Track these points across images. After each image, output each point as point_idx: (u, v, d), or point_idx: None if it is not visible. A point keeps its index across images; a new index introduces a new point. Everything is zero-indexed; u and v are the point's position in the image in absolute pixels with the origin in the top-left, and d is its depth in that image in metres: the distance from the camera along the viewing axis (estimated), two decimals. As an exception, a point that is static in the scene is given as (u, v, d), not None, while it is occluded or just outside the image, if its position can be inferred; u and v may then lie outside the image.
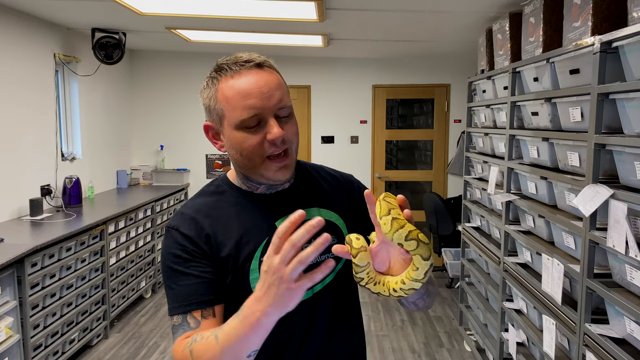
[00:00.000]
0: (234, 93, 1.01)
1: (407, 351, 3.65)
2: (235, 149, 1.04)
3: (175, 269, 1.04)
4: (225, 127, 1.04)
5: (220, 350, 0.89)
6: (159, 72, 5.58)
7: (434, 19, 3.58)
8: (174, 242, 1.06)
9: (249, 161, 1.04)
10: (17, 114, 3.59)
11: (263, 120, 1.01)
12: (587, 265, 1.88)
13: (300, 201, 1.13)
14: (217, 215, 1.09)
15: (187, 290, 1.02)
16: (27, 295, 2.79)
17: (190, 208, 1.11)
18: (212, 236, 1.06)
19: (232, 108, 1.01)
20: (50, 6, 3.47)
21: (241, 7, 3.21)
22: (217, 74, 1.05)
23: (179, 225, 1.08)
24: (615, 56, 1.75)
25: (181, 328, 1.01)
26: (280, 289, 0.80)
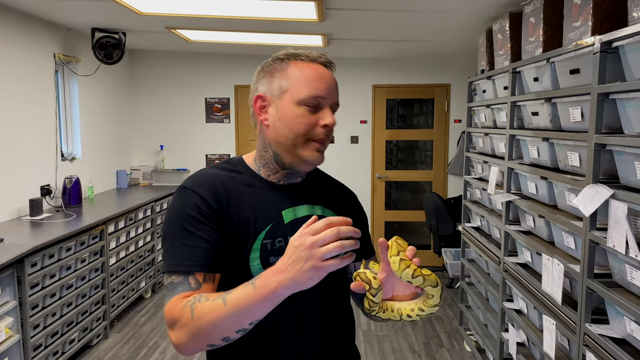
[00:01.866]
0: (306, 74, 1.09)
1: (407, 351, 3.65)
2: (287, 122, 1.08)
3: (186, 228, 1.05)
4: (283, 100, 1.09)
5: (226, 313, 0.91)
6: (159, 72, 5.58)
7: (434, 19, 3.58)
8: (189, 202, 1.07)
9: (295, 137, 1.08)
10: (17, 114, 3.59)
11: (321, 106, 1.09)
12: (587, 265, 1.88)
13: (309, 197, 1.18)
14: (232, 190, 1.11)
15: (195, 251, 1.03)
16: (27, 295, 2.79)
17: (208, 175, 1.14)
18: (226, 205, 1.09)
19: (300, 85, 1.08)
20: (50, 6, 3.47)
21: (241, 7, 3.20)
22: (288, 57, 1.12)
23: (197, 188, 1.09)
24: (616, 56, 1.75)
25: (180, 286, 1.01)
26: (307, 265, 0.86)
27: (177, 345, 0.99)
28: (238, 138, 5.65)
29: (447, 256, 4.76)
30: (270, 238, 1.09)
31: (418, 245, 5.86)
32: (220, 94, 5.61)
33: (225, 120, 5.63)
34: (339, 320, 1.20)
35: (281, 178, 1.16)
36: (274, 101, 1.10)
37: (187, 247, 1.04)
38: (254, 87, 1.15)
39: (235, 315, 0.91)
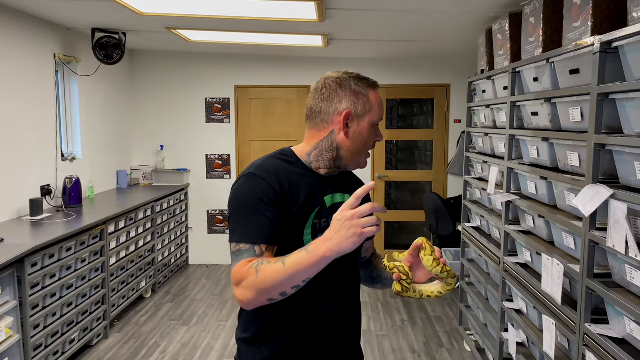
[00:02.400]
0: (378, 103, 1.40)
1: (407, 351, 3.65)
2: (364, 137, 1.38)
3: (255, 208, 1.28)
4: (364, 120, 1.38)
5: (285, 273, 1.15)
6: (159, 72, 5.58)
7: (434, 19, 3.58)
8: (257, 188, 1.30)
9: (365, 149, 1.40)
10: (17, 114, 3.59)
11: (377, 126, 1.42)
12: (587, 265, 1.88)
13: (342, 187, 1.45)
14: (290, 176, 1.35)
15: (261, 227, 1.27)
16: (27, 295, 2.79)
17: (271, 165, 1.36)
18: (288, 192, 1.32)
19: (376, 111, 1.39)
20: (50, 6, 3.47)
21: (241, 7, 3.21)
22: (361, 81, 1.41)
23: (264, 176, 1.32)
24: (615, 56, 1.75)
25: (247, 253, 1.26)
26: (350, 232, 1.11)
27: (242, 301, 1.22)
28: (238, 138, 5.66)
29: (447, 256, 4.77)
30: (317, 219, 1.36)
31: (418, 245, 5.87)
32: (221, 94, 5.61)
33: (225, 120, 5.64)
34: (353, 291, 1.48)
35: (325, 170, 1.42)
36: (356, 119, 1.37)
37: (255, 223, 1.27)
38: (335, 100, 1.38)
39: (293, 275, 1.15)
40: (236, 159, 5.66)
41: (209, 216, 5.73)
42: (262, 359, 1.37)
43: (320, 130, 1.40)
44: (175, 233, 5.26)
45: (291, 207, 1.32)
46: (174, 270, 5.34)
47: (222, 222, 5.74)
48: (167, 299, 4.65)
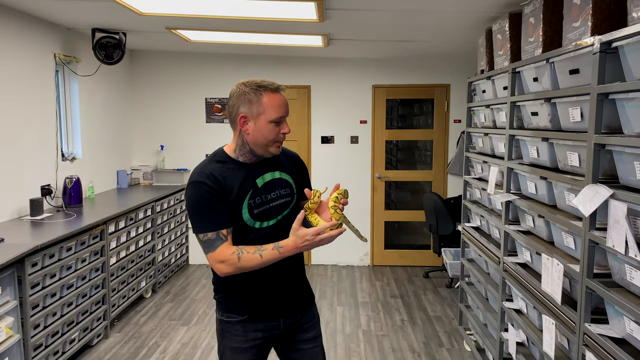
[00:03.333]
0: (274, 103, 1.76)
1: (407, 351, 3.65)
2: (263, 133, 1.75)
3: (208, 205, 1.71)
4: (260, 120, 1.75)
5: (261, 262, 1.69)
6: (159, 72, 5.58)
7: (434, 19, 3.58)
8: (204, 191, 1.71)
9: (267, 141, 1.76)
10: (17, 114, 3.60)
11: (281, 121, 1.79)
12: (586, 265, 1.88)
13: (270, 167, 1.85)
14: (225, 176, 1.76)
15: (217, 218, 1.72)
16: (27, 295, 2.79)
17: (208, 169, 1.76)
18: (224, 186, 1.74)
19: (271, 110, 1.75)
20: (50, 6, 3.47)
21: (241, 7, 3.21)
22: (259, 88, 1.76)
23: (205, 181, 1.73)
24: (615, 56, 1.75)
25: (218, 240, 1.72)
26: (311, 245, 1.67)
27: (221, 272, 1.72)
28: (238, 138, 5.65)
29: (446, 256, 4.77)
30: (252, 199, 1.77)
31: (418, 245, 5.88)
32: (221, 94, 5.61)
33: (225, 120, 5.64)
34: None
35: (250, 159, 1.82)
36: (253, 119, 1.75)
37: (212, 216, 1.72)
38: (235, 107, 1.78)
39: (265, 262, 1.70)
40: (236, 159, 5.65)
41: (209, 216, 5.72)
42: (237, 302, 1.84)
43: (234, 131, 1.83)
44: (175, 233, 5.26)
45: (229, 197, 1.74)
46: (174, 270, 5.34)
47: (222, 222, 5.74)
48: (167, 298, 4.65)
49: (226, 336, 1.86)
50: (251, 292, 1.82)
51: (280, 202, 1.82)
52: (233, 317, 1.83)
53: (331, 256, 5.76)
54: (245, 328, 1.83)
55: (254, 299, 1.82)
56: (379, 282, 5.21)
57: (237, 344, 1.84)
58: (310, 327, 1.95)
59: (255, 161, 1.82)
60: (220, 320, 1.88)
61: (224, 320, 1.86)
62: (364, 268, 5.72)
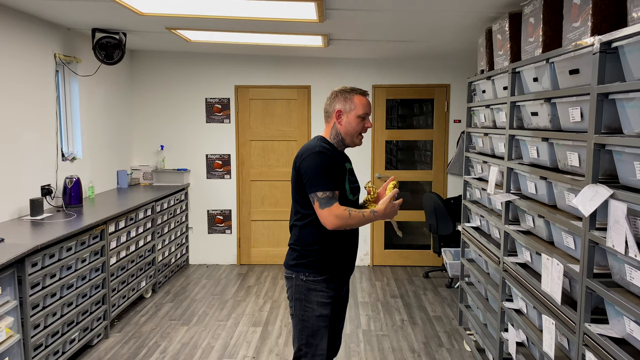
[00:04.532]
0: (362, 102, 2.29)
1: (407, 351, 3.65)
2: (352, 125, 2.28)
3: (330, 170, 2.18)
4: (351, 115, 2.28)
5: (363, 220, 2.20)
6: (159, 72, 5.58)
7: (434, 19, 3.58)
8: (327, 159, 2.19)
9: (354, 132, 2.30)
10: (17, 114, 3.60)
11: (366, 118, 2.31)
12: (586, 265, 1.88)
13: (348, 157, 2.40)
14: (334, 154, 2.25)
15: (336, 181, 2.19)
16: (27, 295, 2.79)
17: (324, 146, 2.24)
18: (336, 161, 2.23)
19: (359, 108, 2.28)
20: (51, 6, 3.47)
21: (241, 7, 3.21)
22: (352, 91, 2.30)
23: (327, 152, 2.21)
24: (615, 56, 1.76)
25: (334, 199, 2.16)
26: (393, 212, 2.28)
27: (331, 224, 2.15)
28: (238, 138, 5.66)
29: (446, 256, 4.77)
30: (349, 176, 2.31)
31: (418, 245, 5.89)
32: (221, 94, 5.61)
33: (225, 120, 5.64)
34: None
35: (342, 149, 2.35)
36: (346, 113, 2.28)
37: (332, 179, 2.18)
38: (333, 104, 2.31)
39: (365, 221, 2.22)
40: (236, 159, 5.66)
41: (209, 216, 5.73)
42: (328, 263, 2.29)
43: (328, 123, 2.34)
44: (175, 233, 5.26)
45: (340, 171, 2.23)
46: (174, 270, 5.34)
47: (222, 221, 5.74)
48: (167, 298, 4.65)
49: (312, 293, 2.27)
50: (334, 256, 2.29)
51: (357, 185, 2.38)
52: (318, 276, 2.26)
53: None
54: (327, 285, 2.28)
55: (335, 262, 2.30)
56: (379, 282, 5.21)
57: (322, 298, 2.27)
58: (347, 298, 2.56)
59: (343, 149, 2.35)
60: (306, 280, 2.27)
61: (310, 279, 2.27)
62: (364, 268, 5.72)
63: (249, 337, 3.85)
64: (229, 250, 5.79)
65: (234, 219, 5.72)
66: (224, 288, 4.97)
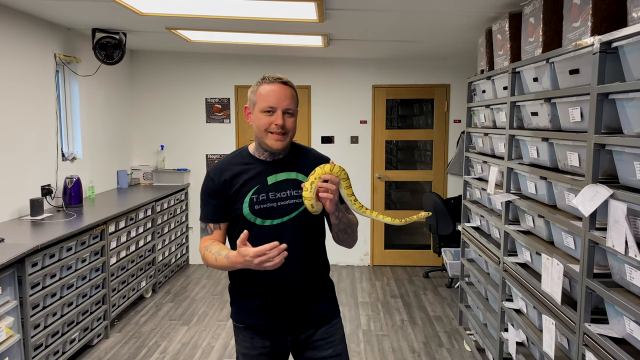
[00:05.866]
0: (264, 92, 1.73)
1: (407, 351, 3.65)
2: (256, 123, 1.74)
3: (205, 198, 1.80)
4: (255, 110, 1.75)
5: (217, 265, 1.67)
6: (159, 72, 5.58)
7: (434, 19, 3.58)
8: (206, 183, 1.79)
9: (260, 132, 1.73)
10: (17, 114, 3.60)
11: (274, 111, 1.71)
12: (586, 265, 1.88)
13: (287, 167, 1.79)
14: (234, 168, 1.78)
15: (208, 211, 1.79)
16: (27, 295, 2.79)
17: (222, 162, 1.81)
18: (228, 180, 1.76)
19: (261, 100, 1.72)
20: (51, 6, 3.47)
21: (241, 8, 3.21)
22: (261, 80, 1.78)
23: (212, 174, 1.79)
24: (615, 56, 1.76)
25: (204, 231, 1.79)
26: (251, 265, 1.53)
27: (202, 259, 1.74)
28: (238, 138, 5.66)
29: (446, 256, 4.77)
30: (256, 194, 1.74)
31: (418, 245, 5.89)
32: (221, 94, 5.61)
33: (225, 120, 5.64)
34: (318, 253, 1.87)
35: (268, 157, 1.79)
36: (252, 110, 1.76)
37: (205, 208, 1.80)
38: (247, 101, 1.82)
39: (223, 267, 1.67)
40: (236, 159, 5.66)
41: (209, 216, 5.72)
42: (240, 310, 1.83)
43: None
44: (175, 233, 5.26)
45: (228, 191, 1.75)
46: (174, 270, 5.34)
47: (222, 222, 5.74)
48: (167, 298, 4.65)
49: (237, 340, 1.87)
50: (250, 302, 1.78)
51: (290, 202, 1.74)
52: (239, 324, 1.83)
53: (331, 256, 5.73)
54: (251, 335, 1.80)
55: (252, 311, 1.78)
56: (379, 282, 5.21)
57: (246, 350, 1.82)
58: (327, 345, 1.81)
59: (271, 159, 1.79)
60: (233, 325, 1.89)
61: (233, 324, 1.87)
62: (364, 268, 5.72)
63: (249, 337, 3.85)
64: (229, 250, 5.78)
65: (234, 219, 5.71)
66: (224, 288, 4.97)
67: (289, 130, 1.72)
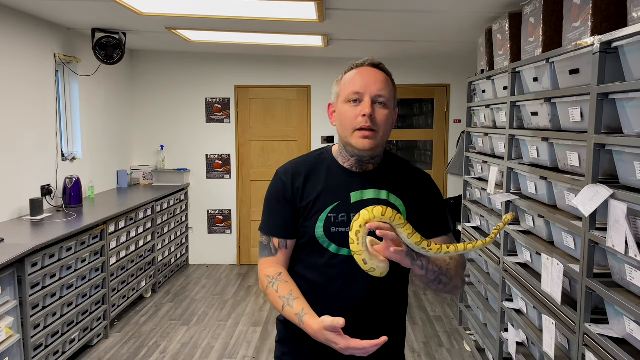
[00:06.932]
0: (349, 78, 1.37)
1: (407, 351, 3.65)
2: (340, 119, 1.38)
3: (271, 204, 1.44)
4: (338, 103, 1.39)
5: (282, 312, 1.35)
6: (159, 72, 5.58)
7: (434, 19, 3.58)
8: (275, 187, 1.44)
9: (344, 130, 1.36)
10: (17, 114, 3.59)
11: (361, 100, 1.34)
12: (586, 265, 1.88)
13: (377, 183, 1.42)
14: (310, 173, 1.43)
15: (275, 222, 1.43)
16: (27, 295, 2.79)
17: (297, 161, 1.48)
18: (302, 187, 1.41)
19: (345, 87, 1.37)
20: (50, 6, 3.47)
21: (241, 7, 3.21)
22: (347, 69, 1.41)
23: (282, 175, 1.44)
24: (615, 56, 1.75)
25: (266, 250, 1.43)
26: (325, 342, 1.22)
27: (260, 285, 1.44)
28: (238, 138, 5.66)
29: (447, 256, 4.76)
30: (335, 212, 1.37)
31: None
32: (221, 94, 5.61)
33: (225, 120, 5.64)
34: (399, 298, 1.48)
35: (354, 165, 1.42)
36: (335, 105, 1.42)
37: (271, 218, 1.44)
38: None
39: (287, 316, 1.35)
40: (236, 159, 5.66)
41: (209, 216, 5.73)
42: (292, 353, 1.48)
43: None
44: (175, 233, 5.26)
45: (300, 201, 1.41)
46: (174, 270, 5.34)
47: (222, 222, 5.74)
48: (167, 298, 4.65)
49: None
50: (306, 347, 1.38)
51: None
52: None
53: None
54: None
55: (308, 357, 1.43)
56: (379, 282, 5.21)
57: None
58: None
59: (358, 168, 1.41)
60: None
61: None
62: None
63: (249, 337, 3.85)
64: (229, 250, 5.78)
65: (234, 219, 5.72)
66: (224, 288, 4.97)
67: (380, 124, 1.33)
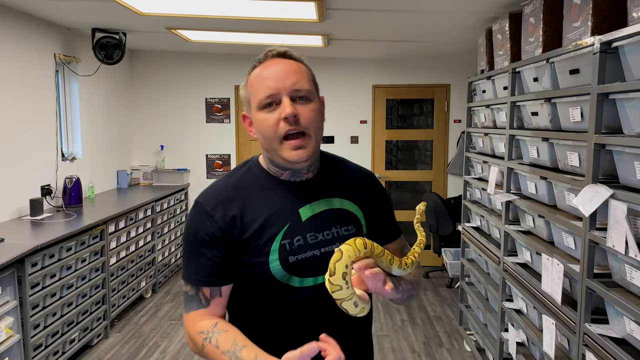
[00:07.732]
0: (256, 79, 1.10)
1: (407, 351, 3.65)
2: (259, 130, 1.10)
3: (198, 248, 1.12)
4: (252, 112, 1.11)
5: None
6: (159, 72, 5.58)
7: (434, 19, 3.58)
8: (200, 223, 1.13)
9: (269, 142, 1.09)
10: (17, 114, 3.59)
11: (278, 100, 1.07)
12: (586, 265, 1.88)
13: (325, 191, 1.18)
14: (246, 196, 1.13)
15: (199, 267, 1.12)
16: (27, 295, 2.79)
17: (221, 186, 1.17)
18: (239, 217, 1.11)
19: (255, 92, 1.10)
20: (50, 6, 3.47)
21: (241, 7, 3.21)
22: (250, 68, 1.14)
23: (208, 207, 1.13)
24: (615, 56, 1.75)
25: (194, 301, 1.12)
26: None
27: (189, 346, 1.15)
28: (238, 138, 5.66)
29: (447, 256, 4.76)
30: (288, 238, 1.10)
31: (418, 245, 5.88)
32: (221, 94, 5.61)
33: (225, 120, 5.64)
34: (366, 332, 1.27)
35: (291, 176, 1.16)
36: (250, 114, 1.14)
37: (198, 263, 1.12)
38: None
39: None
40: (236, 159, 5.66)
41: (209, 216, 5.72)
42: None
43: None
44: (175, 233, 5.26)
45: (241, 235, 1.10)
46: (174, 270, 5.34)
47: (222, 222, 5.74)
48: (167, 298, 4.65)
49: None
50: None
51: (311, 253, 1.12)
52: None
53: (331, 256, 5.75)
54: None
55: None
56: (379, 282, 5.21)
57: None
58: None
59: (297, 178, 1.16)
60: None
61: None
62: (364, 268, 5.71)
63: (249, 337, 3.85)
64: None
65: (234, 219, 5.71)
66: (224, 288, 4.96)
67: (309, 123, 1.08)
